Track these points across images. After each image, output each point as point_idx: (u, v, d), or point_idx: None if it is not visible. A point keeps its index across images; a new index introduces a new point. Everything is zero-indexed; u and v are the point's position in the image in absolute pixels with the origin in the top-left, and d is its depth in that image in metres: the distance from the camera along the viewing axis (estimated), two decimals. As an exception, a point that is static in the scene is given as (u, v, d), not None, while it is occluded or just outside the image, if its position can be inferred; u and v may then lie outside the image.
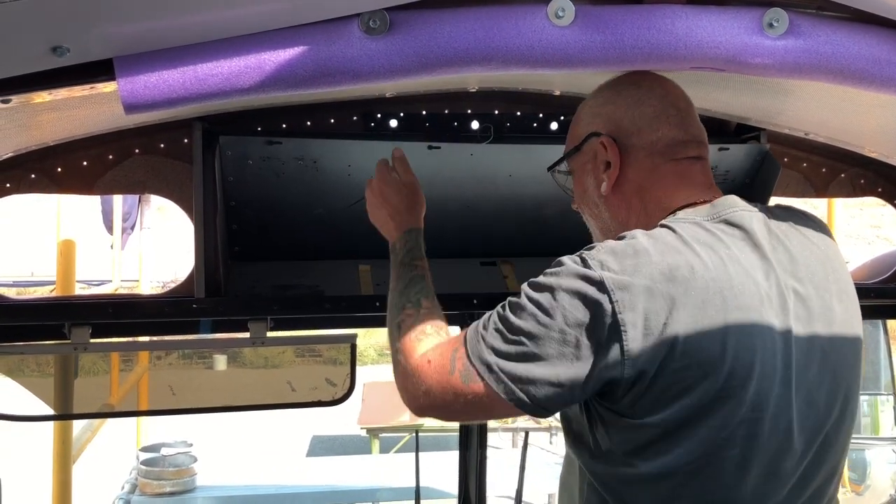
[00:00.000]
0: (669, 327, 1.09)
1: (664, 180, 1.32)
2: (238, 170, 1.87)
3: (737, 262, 1.18)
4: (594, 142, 1.37)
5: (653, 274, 1.11)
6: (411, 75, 0.97)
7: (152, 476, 4.80)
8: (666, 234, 1.19)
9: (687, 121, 1.36)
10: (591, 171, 1.39)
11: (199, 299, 1.88)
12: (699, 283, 1.12)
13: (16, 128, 1.43)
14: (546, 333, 1.12)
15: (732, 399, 1.12)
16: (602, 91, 1.41)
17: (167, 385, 2.90)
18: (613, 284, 1.10)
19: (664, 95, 1.36)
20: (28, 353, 2.01)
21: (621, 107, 1.36)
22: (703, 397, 1.11)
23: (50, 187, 1.89)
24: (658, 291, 1.10)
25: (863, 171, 2.24)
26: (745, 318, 1.14)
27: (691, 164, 1.34)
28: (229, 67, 0.91)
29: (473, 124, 2.04)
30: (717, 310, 1.12)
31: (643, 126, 1.33)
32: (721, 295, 1.13)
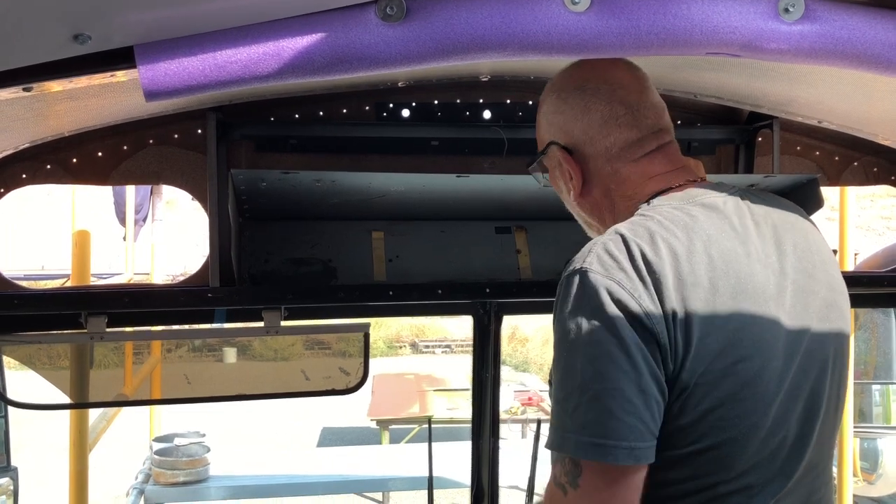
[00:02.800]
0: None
1: (628, 181, 1.32)
2: (251, 196, 1.87)
3: (716, 243, 1.18)
4: (554, 150, 1.39)
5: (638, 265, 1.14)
6: (427, 62, 0.98)
7: (166, 466, 4.85)
8: (643, 223, 1.20)
9: (639, 115, 1.32)
10: (559, 176, 1.41)
11: (213, 288, 1.90)
12: (684, 267, 1.14)
13: (34, 117, 1.45)
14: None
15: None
16: (550, 95, 1.40)
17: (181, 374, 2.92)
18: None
19: (610, 94, 1.32)
20: (45, 342, 2.03)
21: (570, 116, 1.35)
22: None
23: (65, 178, 1.90)
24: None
25: (876, 159, 2.23)
26: (734, 293, 1.16)
27: (652, 158, 1.32)
28: (248, 55, 0.91)
29: (485, 113, 2.04)
30: (701, 288, 1.14)
31: (594, 134, 1.32)
32: (705, 276, 1.15)
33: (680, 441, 1.14)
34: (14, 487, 2.83)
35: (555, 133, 1.38)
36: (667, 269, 1.13)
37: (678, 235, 1.17)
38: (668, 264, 1.13)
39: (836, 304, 1.29)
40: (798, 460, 1.22)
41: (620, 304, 1.10)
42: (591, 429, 1.09)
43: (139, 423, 6.79)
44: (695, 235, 1.18)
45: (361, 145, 2.02)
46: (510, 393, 8.58)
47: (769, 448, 1.18)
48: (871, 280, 2.24)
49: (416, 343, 15.46)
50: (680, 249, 1.15)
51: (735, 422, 1.15)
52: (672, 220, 1.19)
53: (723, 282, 1.16)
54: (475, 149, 2.06)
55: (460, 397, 8.21)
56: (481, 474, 2.29)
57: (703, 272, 1.15)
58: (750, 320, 1.16)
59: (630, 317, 1.10)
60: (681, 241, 1.16)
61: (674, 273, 1.13)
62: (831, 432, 1.30)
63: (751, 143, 2.14)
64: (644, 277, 1.12)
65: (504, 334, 2.27)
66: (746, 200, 1.29)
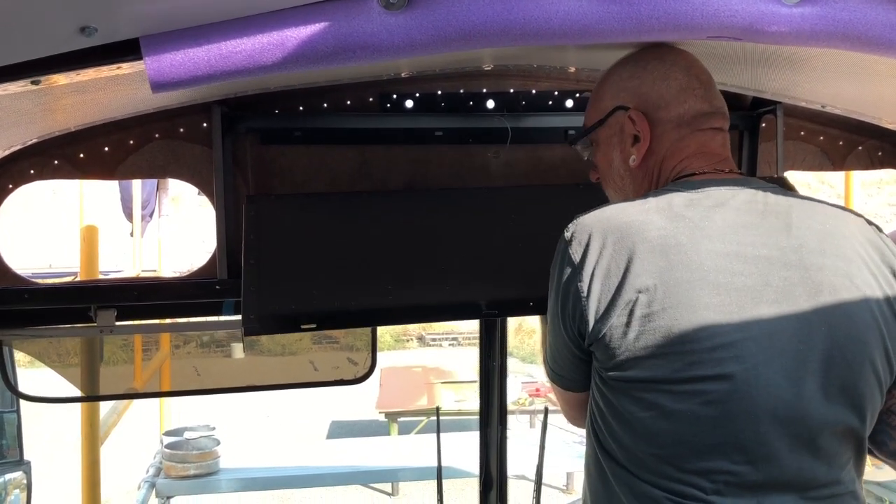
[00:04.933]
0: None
1: (686, 149, 1.36)
2: (261, 225, 1.82)
3: (694, 230, 1.20)
4: (621, 115, 1.40)
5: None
6: (430, 50, 0.98)
7: (176, 459, 4.88)
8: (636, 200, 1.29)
9: (710, 93, 1.39)
10: (617, 144, 1.42)
11: (221, 280, 1.92)
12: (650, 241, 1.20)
13: (41, 112, 1.46)
14: None
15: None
16: (626, 65, 1.43)
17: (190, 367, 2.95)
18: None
19: (688, 68, 1.39)
20: (55, 336, 2.05)
21: (647, 81, 1.38)
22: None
23: (73, 173, 1.92)
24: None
25: (880, 143, 2.23)
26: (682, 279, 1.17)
27: (714, 135, 1.38)
28: (252, 45, 0.92)
29: (489, 103, 2.05)
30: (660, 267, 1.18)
31: (670, 99, 1.36)
32: (665, 254, 1.18)
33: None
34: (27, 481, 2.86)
35: (626, 97, 1.40)
36: (612, 251, 1.20)
37: (645, 224, 1.21)
38: (616, 246, 1.20)
39: (848, 305, 1.21)
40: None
41: (564, 276, 1.24)
42: (548, 357, 1.41)
43: (149, 419, 6.83)
44: (652, 230, 1.20)
45: (365, 136, 2.03)
46: (517, 384, 8.60)
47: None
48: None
49: (423, 336, 15.49)
50: (634, 237, 1.20)
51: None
52: (653, 210, 1.24)
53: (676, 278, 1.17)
54: (479, 138, 2.07)
55: (468, 389, 8.23)
56: (490, 463, 2.30)
57: (642, 263, 1.18)
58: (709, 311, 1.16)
59: (566, 289, 1.24)
60: (641, 230, 1.20)
61: (621, 256, 1.19)
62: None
63: (754, 129, 2.14)
64: (592, 255, 1.21)
65: (510, 326, 2.28)
66: (768, 198, 1.27)
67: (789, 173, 2.15)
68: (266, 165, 2.01)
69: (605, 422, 1.27)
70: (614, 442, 1.26)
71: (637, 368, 1.18)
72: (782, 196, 1.30)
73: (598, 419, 1.29)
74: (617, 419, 1.24)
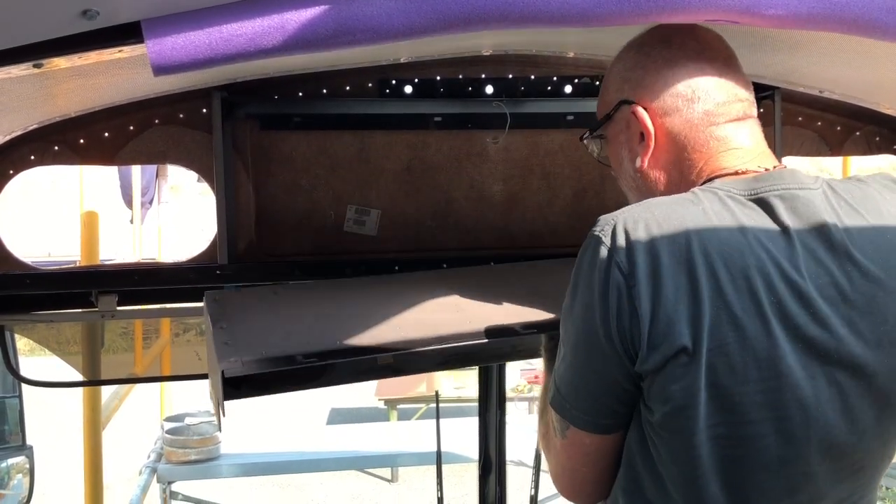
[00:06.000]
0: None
1: (704, 147, 1.19)
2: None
3: (742, 255, 1.05)
4: (625, 110, 1.25)
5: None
6: (429, 34, 0.99)
7: (177, 445, 4.90)
8: (682, 198, 1.11)
9: (726, 77, 1.21)
10: (625, 142, 1.27)
11: (222, 265, 1.93)
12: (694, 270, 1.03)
13: (42, 96, 1.47)
14: None
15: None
16: (629, 52, 1.27)
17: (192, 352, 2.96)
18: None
19: (699, 52, 1.21)
20: (57, 321, 2.06)
21: (651, 70, 1.22)
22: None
23: (73, 159, 1.92)
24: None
25: (878, 128, 2.23)
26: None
27: (736, 127, 1.20)
28: (253, 28, 0.93)
29: (488, 89, 2.06)
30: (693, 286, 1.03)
31: (676, 90, 1.20)
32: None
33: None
34: (30, 466, 2.88)
35: (629, 90, 1.24)
36: (673, 268, 1.03)
37: (706, 234, 1.05)
38: (678, 261, 1.03)
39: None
40: None
41: (612, 288, 1.04)
42: (566, 391, 1.13)
43: (150, 405, 6.86)
44: (712, 243, 1.05)
45: (364, 122, 2.04)
46: (516, 371, 8.62)
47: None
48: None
49: (423, 323, 15.50)
50: (694, 250, 1.04)
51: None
52: (706, 215, 1.07)
53: (727, 301, 1.03)
54: (478, 124, 2.08)
55: (467, 376, 8.26)
56: (489, 449, 2.32)
57: (709, 283, 1.03)
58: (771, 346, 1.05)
59: (618, 304, 1.03)
60: (705, 242, 1.04)
61: (680, 274, 1.03)
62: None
63: (753, 115, 2.15)
64: (645, 267, 1.03)
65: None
66: (823, 196, 1.13)
67: (787, 159, 2.16)
68: (266, 151, 2.02)
69: (652, 472, 1.11)
70: (659, 495, 1.11)
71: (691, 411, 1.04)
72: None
73: (638, 470, 1.12)
74: (659, 471, 1.10)
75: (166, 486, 4.91)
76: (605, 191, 2.17)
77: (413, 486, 7.55)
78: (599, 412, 1.11)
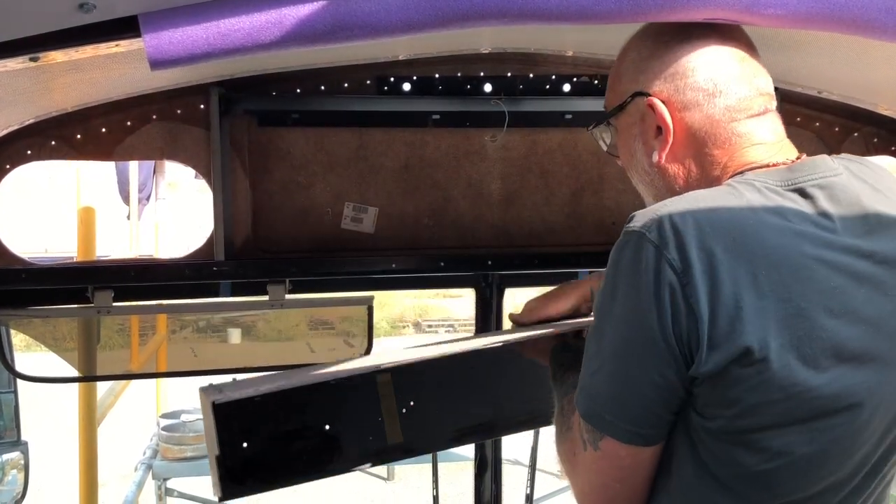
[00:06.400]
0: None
1: (727, 144, 1.15)
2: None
3: (795, 244, 1.03)
4: (640, 102, 1.19)
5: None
6: (427, 29, 0.99)
7: (173, 441, 4.90)
8: (722, 191, 1.08)
9: (747, 71, 1.16)
10: (638, 135, 1.21)
11: (218, 262, 1.92)
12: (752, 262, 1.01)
13: (39, 90, 1.46)
14: None
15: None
16: (645, 41, 1.20)
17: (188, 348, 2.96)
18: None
19: (719, 43, 1.15)
20: (52, 316, 2.06)
21: (669, 62, 1.16)
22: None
23: (70, 154, 1.92)
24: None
25: (876, 129, 2.23)
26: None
27: (758, 122, 1.16)
28: (250, 23, 0.93)
29: (486, 87, 2.05)
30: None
31: (696, 84, 1.15)
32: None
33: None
34: (25, 461, 2.87)
35: (646, 81, 1.18)
36: (731, 263, 0.99)
37: (755, 226, 1.02)
38: (734, 255, 0.99)
39: None
40: None
41: (664, 288, 0.99)
42: (603, 401, 1.05)
43: (146, 403, 6.85)
44: (768, 235, 1.03)
45: (362, 119, 2.04)
46: (513, 370, 8.61)
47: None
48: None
49: (420, 323, 15.51)
50: (752, 244, 1.01)
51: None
52: (753, 207, 1.04)
53: (790, 297, 1.00)
54: (476, 122, 2.08)
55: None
56: (484, 448, 2.32)
57: (768, 279, 1.00)
58: (830, 342, 1.02)
59: (672, 303, 0.99)
60: (756, 235, 1.02)
61: (739, 269, 0.99)
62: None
63: (751, 115, 2.15)
64: (700, 264, 0.99)
65: (507, 306, 2.29)
66: (852, 181, 1.12)
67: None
68: (263, 147, 2.01)
69: (708, 479, 1.06)
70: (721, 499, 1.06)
71: (754, 414, 1.01)
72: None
73: (688, 480, 1.08)
74: (713, 479, 1.06)
75: (162, 483, 4.91)
76: (603, 190, 2.17)
77: (409, 485, 7.55)
78: (644, 421, 1.05)
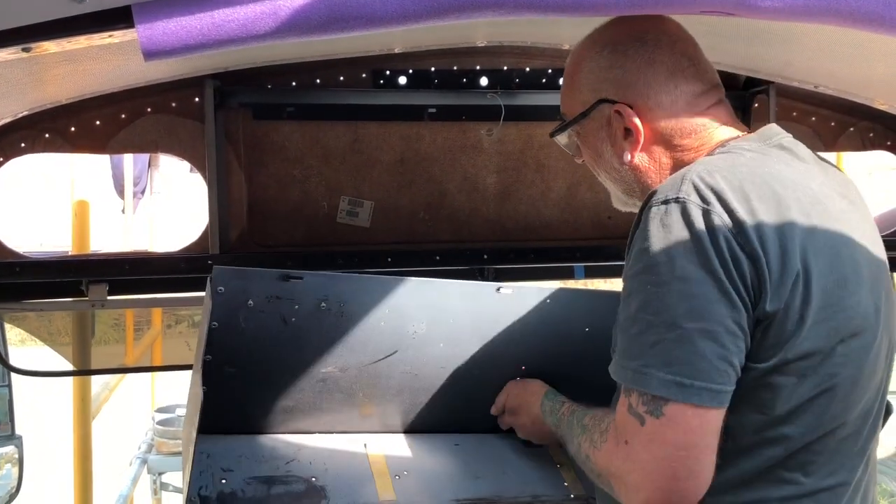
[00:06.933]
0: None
1: (693, 132, 1.26)
2: (230, 313, 1.45)
3: (804, 186, 1.17)
4: (605, 108, 1.29)
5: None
6: (424, 20, 0.98)
7: (168, 436, 4.90)
8: (731, 159, 1.18)
9: (701, 68, 1.28)
10: (605, 138, 1.31)
11: (213, 255, 1.92)
12: (784, 203, 1.12)
13: (32, 82, 1.45)
14: None
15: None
16: (602, 51, 1.29)
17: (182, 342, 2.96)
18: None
19: (672, 46, 1.27)
20: (47, 309, 2.05)
21: (631, 70, 1.26)
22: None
23: (64, 147, 1.91)
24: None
25: (872, 124, 2.24)
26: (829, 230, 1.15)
27: (716, 110, 1.28)
28: (245, 14, 0.92)
29: (482, 80, 2.05)
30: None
31: (658, 88, 1.25)
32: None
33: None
34: (19, 455, 2.87)
35: (610, 90, 1.28)
36: (766, 204, 1.09)
37: (769, 172, 1.15)
38: (767, 198, 1.10)
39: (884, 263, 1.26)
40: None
41: (720, 239, 1.06)
42: (677, 367, 1.05)
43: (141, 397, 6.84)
44: (784, 175, 1.16)
45: (358, 112, 2.03)
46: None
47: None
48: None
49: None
50: (775, 185, 1.12)
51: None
52: (757, 159, 1.17)
53: (819, 226, 1.13)
54: (472, 115, 2.07)
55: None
56: None
57: (800, 212, 1.11)
58: (850, 267, 1.15)
59: (731, 253, 1.05)
60: (774, 178, 1.14)
61: (774, 208, 1.10)
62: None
63: (747, 110, 2.15)
64: (743, 210, 1.08)
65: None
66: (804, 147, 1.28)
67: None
68: (258, 141, 2.01)
69: (773, 421, 1.13)
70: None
71: (808, 341, 1.09)
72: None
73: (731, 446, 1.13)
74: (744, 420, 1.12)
75: (157, 477, 4.91)
76: (598, 184, 2.14)
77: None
78: (719, 377, 1.06)
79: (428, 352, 1.58)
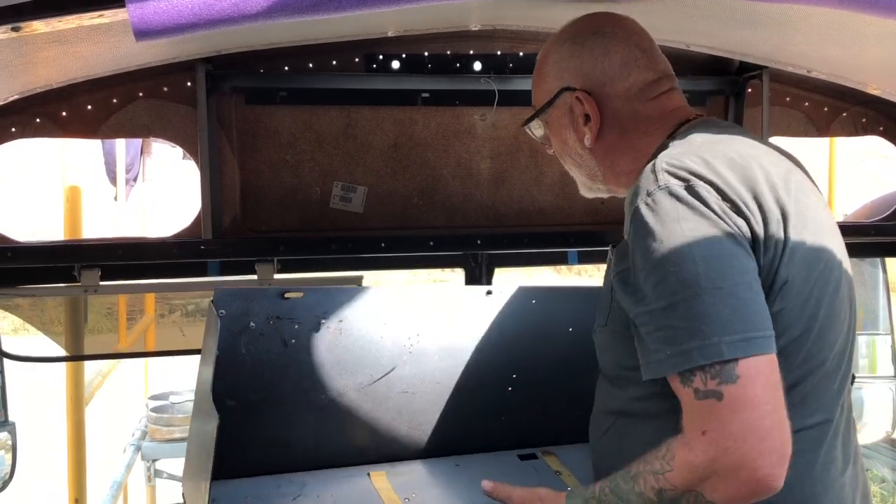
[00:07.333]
0: None
1: (650, 118, 1.37)
2: (232, 339, 1.46)
3: (766, 155, 1.25)
4: (567, 96, 1.39)
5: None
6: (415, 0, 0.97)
7: (161, 423, 4.88)
8: (689, 142, 1.26)
9: (653, 59, 1.39)
10: (568, 124, 1.41)
11: (206, 241, 1.91)
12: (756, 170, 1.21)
13: (22, 64, 1.44)
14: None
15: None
16: (563, 43, 1.41)
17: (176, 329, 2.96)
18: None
19: (627, 38, 1.38)
20: (39, 295, 2.04)
21: (588, 59, 1.37)
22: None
23: (55, 131, 1.90)
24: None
25: (865, 110, 2.24)
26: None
27: (668, 97, 1.39)
28: (237, -7, 0.91)
29: (476, 65, 2.04)
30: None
31: (614, 75, 1.36)
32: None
33: None
34: (12, 441, 2.86)
35: (570, 78, 1.39)
36: (734, 170, 1.17)
37: (733, 146, 1.23)
38: (732, 166, 1.18)
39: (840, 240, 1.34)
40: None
41: (711, 203, 1.13)
42: (735, 325, 1.06)
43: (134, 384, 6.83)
44: (746, 146, 1.24)
45: (351, 97, 2.02)
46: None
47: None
48: (859, 230, 2.27)
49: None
50: (731, 154, 1.20)
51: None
52: (710, 138, 1.25)
53: (781, 181, 1.21)
54: (466, 100, 2.07)
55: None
56: None
57: (761, 171, 1.19)
58: (814, 212, 1.24)
59: (724, 212, 1.13)
60: (729, 149, 1.22)
61: (740, 172, 1.17)
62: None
63: (740, 94, 2.15)
64: (723, 182, 1.15)
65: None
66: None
67: (775, 139, 2.16)
68: (251, 126, 2.00)
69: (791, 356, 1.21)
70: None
71: (794, 286, 1.18)
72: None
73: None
74: None
75: (151, 464, 4.90)
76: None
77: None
78: (767, 323, 1.10)
79: (423, 367, 1.63)
